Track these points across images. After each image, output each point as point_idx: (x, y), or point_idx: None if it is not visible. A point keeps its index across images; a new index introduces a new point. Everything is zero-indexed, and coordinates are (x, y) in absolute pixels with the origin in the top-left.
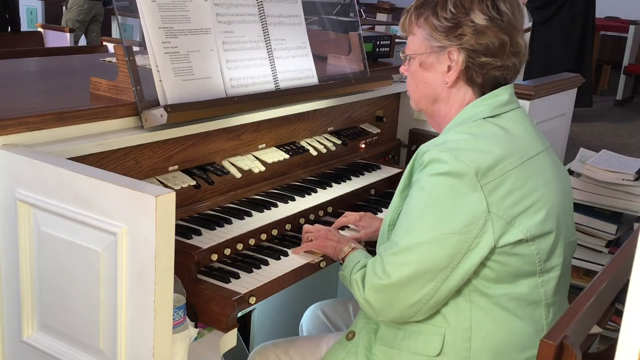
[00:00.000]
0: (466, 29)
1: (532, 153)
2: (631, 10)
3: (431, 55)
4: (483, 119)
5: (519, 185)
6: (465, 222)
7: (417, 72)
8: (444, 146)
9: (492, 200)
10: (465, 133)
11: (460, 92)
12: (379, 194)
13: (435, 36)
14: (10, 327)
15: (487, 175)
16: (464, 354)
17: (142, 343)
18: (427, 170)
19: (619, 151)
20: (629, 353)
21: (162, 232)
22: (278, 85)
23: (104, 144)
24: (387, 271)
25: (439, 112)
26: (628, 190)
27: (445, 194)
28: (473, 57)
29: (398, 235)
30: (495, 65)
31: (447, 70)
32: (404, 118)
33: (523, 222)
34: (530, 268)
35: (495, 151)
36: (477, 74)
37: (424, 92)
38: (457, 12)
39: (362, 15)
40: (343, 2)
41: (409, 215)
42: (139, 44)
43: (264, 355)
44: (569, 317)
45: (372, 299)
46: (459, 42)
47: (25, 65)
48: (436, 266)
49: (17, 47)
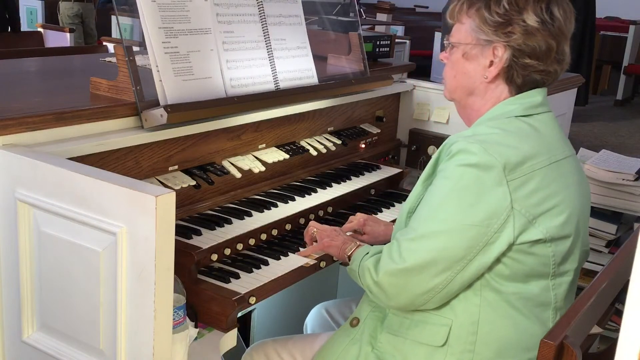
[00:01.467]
0: (516, 27)
1: (560, 156)
2: (631, 10)
3: (476, 47)
4: (515, 117)
5: (544, 185)
6: (487, 216)
7: (459, 62)
8: (474, 138)
9: (517, 197)
10: (496, 128)
11: (498, 89)
12: (379, 194)
13: (484, 29)
14: (10, 327)
15: (514, 171)
16: (469, 347)
17: (142, 343)
18: (455, 160)
19: (619, 151)
20: (629, 353)
21: (162, 232)
22: (278, 85)
23: (104, 144)
24: (403, 256)
25: (473, 106)
26: (628, 190)
27: (470, 185)
28: (517, 57)
29: (417, 222)
30: (538, 69)
31: (489, 65)
32: (404, 118)
33: (544, 222)
34: (544, 269)
35: (525, 148)
36: (518, 74)
37: (461, 82)
38: (511, 9)
39: (362, 15)
40: (343, 2)
41: (431, 203)
42: (139, 44)
43: (261, 352)
44: (569, 317)
45: (386, 282)
46: (506, 39)
47: (25, 65)
48: (453, 256)
49: (17, 47)
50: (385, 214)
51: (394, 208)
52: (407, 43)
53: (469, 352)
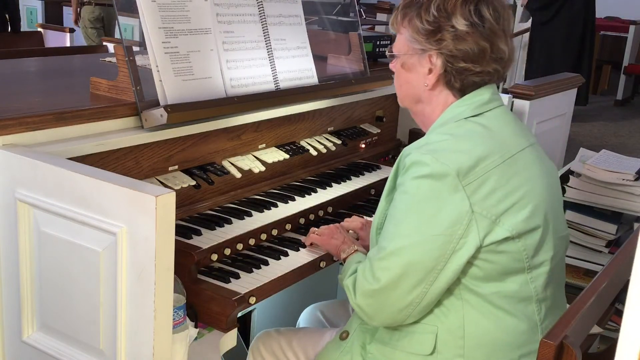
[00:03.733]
0: (446, 34)
1: (515, 150)
2: (631, 10)
3: (413, 56)
4: (465, 118)
5: (502, 183)
6: (450, 223)
7: (400, 72)
8: (425, 148)
9: (475, 200)
10: (446, 134)
11: (442, 94)
12: (379, 194)
13: (418, 38)
14: (10, 327)
15: (468, 175)
16: (458, 351)
17: (142, 343)
18: (410, 174)
19: (619, 151)
20: (629, 353)
21: (162, 232)
22: (278, 85)
23: (104, 144)
24: (376, 276)
25: (423, 112)
26: (628, 190)
27: (428, 197)
28: (452, 62)
29: (385, 240)
30: (475, 71)
31: (428, 72)
32: (404, 118)
33: (508, 219)
34: (518, 265)
35: (476, 150)
36: (456, 79)
37: (406, 91)
38: (439, 16)
39: (362, 15)
40: (343, 2)
41: (394, 219)
42: (139, 44)
43: (267, 343)
44: (569, 317)
45: (364, 304)
46: (438, 47)
47: (25, 65)
48: (423, 268)
49: (17, 47)
50: None
51: None
52: None
53: (460, 356)
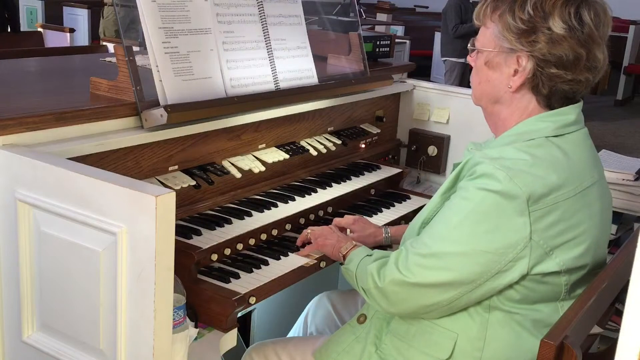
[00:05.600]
0: (541, 35)
1: (587, 184)
2: (631, 10)
3: (499, 54)
4: (546, 137)
5: (567, 216)
6: (504, 245)
7: (482, 69)
8: (500, 163)
9: (537, 228)
10: (524, 152)
11: (525, 99)
12: (379, 194)
13: (507, 36)
14: (10, 327)
15: (538, 202)
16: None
17: (142, 343)
18: (477, 182)
19: (618, 151)
20: (629, 353)
21: (162, 232)
22: (278, 85)
23: (104, 144)
24: (411, 270)
25: (499, 114)
26: (628, 190)
27: (490, 211)
28: (543, 67)
29: (431, 238)
30: (566, 79)
31: (514, 74)
32: (404, 118)
33: (561, 254)
34: (555, 295)
35: (552, 179)
36: (544, 85)
37: (485, 90)
38: (535, 15)
39: (362, 15)
40: (343, 2)
41: (447, 221)
42: (139, 44)
43: (261, 353)
44: (569, 317)
45: (390, 290)
46: (530, 49)
47: (25, 65)
48: (463, 279)
49: (17, 47)
50: (385, 214)
51: (394, 208)
52: (407, 43)
53: None
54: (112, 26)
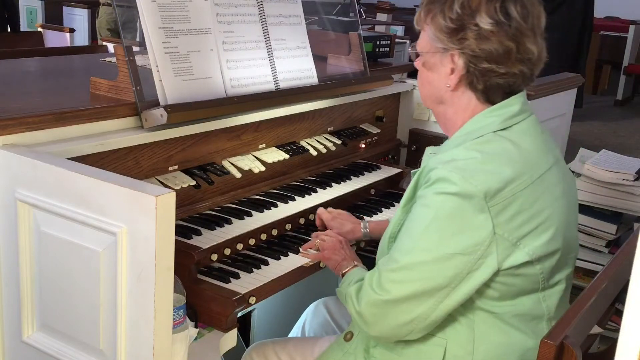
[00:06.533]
0: (469, 32)
1: (542, 170)
2: (631, 10)
3: (435, 55)
4: (494, 132)
5: (527, 205)
6: (470, 243)
7: (423, 71)
8: (453, 165)
9: (499, 222)
10: (475, 150)
11: (465, 96)
12: (379, 194)
13: (440, 36)
14: (10, 327)
15: (495, 197)
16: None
17: (142, 343)
18: (434, 188)
19: (619, 151)
20: (629, 353)
21: (162, 232)
22: (278, 85)
23: (104, 144)
24: (385, 287)
25: (445, 114)
26: (628, 190)
27: (451, 214)
28: (475, 63)
29: (399, 252)
30: (499, 73)
31: (450, 72)
32: (404, 118)
33: (529, 243)
34: (533, 286)
35: (505, 172)
36: (479, 80)
37: (428, 91)
38: (463, 13)
39: (362, 15)
40: (343, 2)
41: (412, 232)
42: (139, 44)
43: (261, 353)
44: (569, 317)
45: (367, 312)
46: (460, 46)
47: (25, 65)
48: (436, 286)
49: (17, 47)
50: (385, 213)
51: (393, 208)
52: (407, 43)
53: None
54: (105, 25)
